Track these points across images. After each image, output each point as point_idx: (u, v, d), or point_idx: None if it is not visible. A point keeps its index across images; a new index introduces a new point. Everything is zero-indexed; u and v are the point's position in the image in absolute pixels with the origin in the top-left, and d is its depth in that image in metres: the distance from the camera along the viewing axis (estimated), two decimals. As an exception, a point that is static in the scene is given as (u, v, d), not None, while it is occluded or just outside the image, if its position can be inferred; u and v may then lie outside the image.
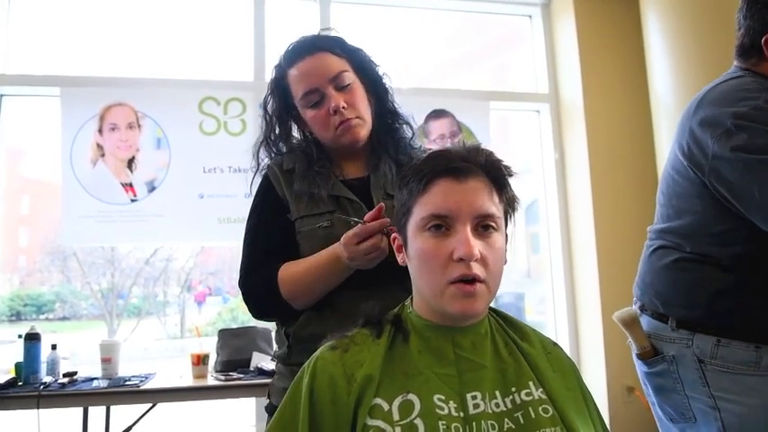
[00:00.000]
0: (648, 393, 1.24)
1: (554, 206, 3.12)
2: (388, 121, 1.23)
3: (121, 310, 7.05)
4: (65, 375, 2.21)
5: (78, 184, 2.58)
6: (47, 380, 2.16)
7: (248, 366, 2.37)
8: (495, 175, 0.84)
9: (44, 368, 2.23)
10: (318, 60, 1.14)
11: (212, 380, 2.29)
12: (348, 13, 3.06)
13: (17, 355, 2.22)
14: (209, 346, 2.54)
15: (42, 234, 7.29)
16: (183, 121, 2.69)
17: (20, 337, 2.24)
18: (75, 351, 4.94)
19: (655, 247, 1.21)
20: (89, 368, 2.35)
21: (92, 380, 2.22)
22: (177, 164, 2.67)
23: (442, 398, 0.78)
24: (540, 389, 0.82)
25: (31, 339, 2.20)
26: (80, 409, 2.30)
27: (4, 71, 2.71)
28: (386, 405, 0.77)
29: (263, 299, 1.13)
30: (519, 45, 3.44)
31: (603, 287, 2.84)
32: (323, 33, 1.21)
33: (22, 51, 2.82)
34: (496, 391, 0.80)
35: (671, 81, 2.49)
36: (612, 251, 2.84)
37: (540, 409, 0.80)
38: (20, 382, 2.14)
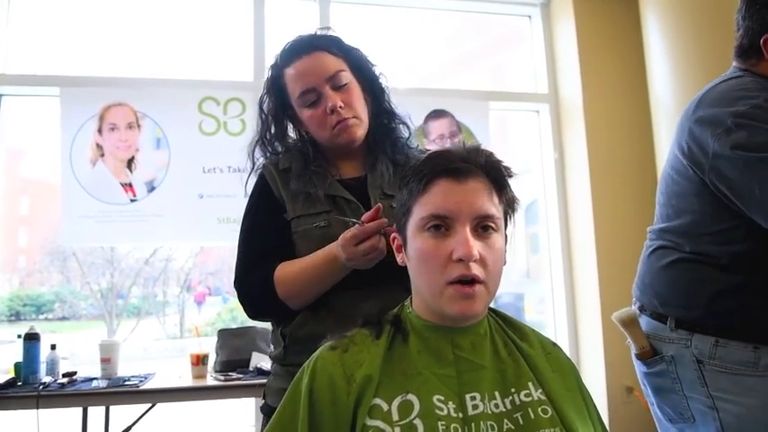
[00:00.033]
0: (647, 394, 1.24)
1: (553, 206, 3.12)
2: (385, 120, 1.22)
3: (121, 310, 7.05)
4: (64, 375, 2.21)
5: (78, 184, 2.58)
6: (46, 380, 2.16)
7: (248, 366, 2.37)
8: (496, 175, 0.84)
9: (43, 368, 2.23)
10: (315, 60, 1.13)
11: (212, 380, 2.29)
12: (348, 13, 3.06)
13: (16, 355, 2.22)
14: (208, 346, 2.55)
15: (42, 234, 7.28)
16: (183, 121, 2.69)
17: (19, 337, 2.24)
18: (75, 351, 4.94)
19: (654, 247, 1.21)
20: (88, 368, 2.35)
21: (91, 380, 2.22)
22: (177, 164, 2.67)
23: (442, 398, 0.78)
24: (540, 389, 0.82)
25: (31, 339, 2.20)
26: (79, 410, 2.30)
27: (3, 71, 2.71)
28: (385, 405, 0.77)
29: (258, 299, 1.12)
30: (518, 45, 3.44)
31: (603, 287, 2.84)
32: (320, 33, 1.20)
33: (22, 51, 2.82)
34: (496, 392, 0.80)
35: (670, 81, 2.49)
36: (612, 251, 2.84)
37: (540, 409, 0.80)
38: (19, 382, 2.15)
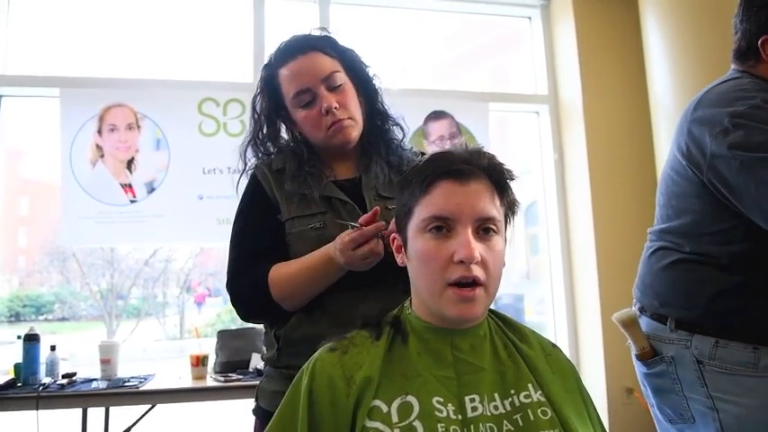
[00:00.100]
0: (647, 394, 1.24)
1: (553, 207, 3.12)
2: (379, 122, 1.22)
3: (121, 310, 7.05)
4: (64, 376, 2.21)
5: (78, 184, 2.58)
6: (46, 381, 2.16)
7: (247, 367, 2.37)
8: (497, 178, 0.84)
9: (43, 369, 2.22)
10: (310, 60, 1.13)
11: (211, 381, 2.29)
12: (347, 14, 3.06)
13: (16, 355, 2.22)
14: (208, 347, 2.54)
15: (41, 235, 7.29)
16: (183, 122, 2.69)
17: (19, 337, 2.24)
18: (75, 352, 4.95)
19: (654, 248, 1.22)
20: (88, 369, 2.36)
21: (91, 381, 2.22)
22: (176, 165, 2.67)
23: (441, 400, 0.78)
24: (539, 391, 0.82)
25: (31, 340, 2.20)
26: (79, 411, 2.29)
27: (3, 72, 2.71)
28: (385, 407, 0.77)
29: (249, 300, 1.11)
30: (518, 46, 3.45)
31: (603, 288, 2.84)
32: (314, 33, 1.19)
33: (22, 52, 2.82)
34: (495, 394, 0.80)
35: (670, 82, 2.49)
36: (612, 252, 2.84)
37: (539, 411, 0.80)
38: (19, 383, 2.15)
